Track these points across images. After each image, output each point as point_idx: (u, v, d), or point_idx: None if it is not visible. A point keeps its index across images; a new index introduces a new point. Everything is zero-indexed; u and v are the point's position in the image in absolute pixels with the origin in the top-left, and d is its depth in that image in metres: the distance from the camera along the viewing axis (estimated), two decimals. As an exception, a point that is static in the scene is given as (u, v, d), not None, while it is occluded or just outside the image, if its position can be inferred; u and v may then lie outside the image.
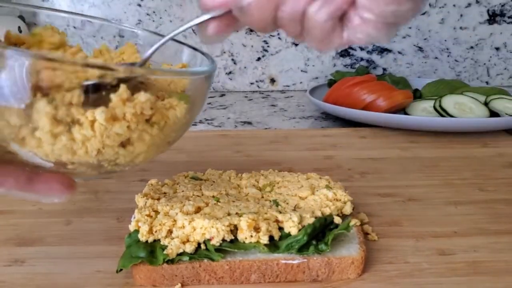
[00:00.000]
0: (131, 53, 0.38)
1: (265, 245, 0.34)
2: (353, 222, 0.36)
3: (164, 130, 0.29)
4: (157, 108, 0.28)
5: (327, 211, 0.37)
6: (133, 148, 0.29)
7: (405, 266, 0.36)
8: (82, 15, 0.42)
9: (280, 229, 0.35)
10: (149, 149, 0.30)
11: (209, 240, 0.34)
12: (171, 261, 0.34)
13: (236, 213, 0.36)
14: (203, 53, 0.36)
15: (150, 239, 0.34)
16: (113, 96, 0.26)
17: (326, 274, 0.35)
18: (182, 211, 0.36)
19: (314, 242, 0.35)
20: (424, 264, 0.36)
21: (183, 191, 0.40)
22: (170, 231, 0.35)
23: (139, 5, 0.92)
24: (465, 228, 0.41)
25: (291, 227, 0.35)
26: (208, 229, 0.34)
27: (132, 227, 0.35)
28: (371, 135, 0.67)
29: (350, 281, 0.35)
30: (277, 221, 0.35)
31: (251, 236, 0.34)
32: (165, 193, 0.40)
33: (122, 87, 0.26)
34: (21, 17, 0.88)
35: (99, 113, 0.26)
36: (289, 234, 0.35)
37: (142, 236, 0.34)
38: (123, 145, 0.28)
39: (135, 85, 0.27)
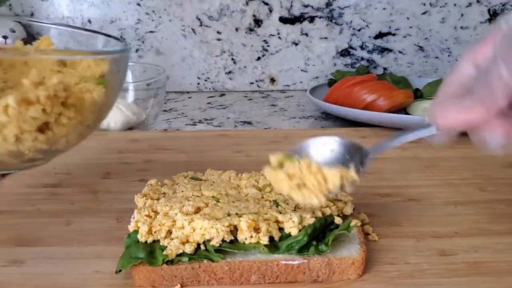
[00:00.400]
0: (46, 46, 0.39)
1: (265, 245, 0.34)
2: (354, 222, 0.36)
3: (82, 112, 0.30)
4: (71, 91, 0.29)
5: (327, 211, 0.37)
6: (52, 133, 0.29)
7: (406, 266, 0.36)
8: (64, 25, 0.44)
9: (280, 229, 0.35)
10: (69, 133, 0.31)
11: (209, 240, 0.34)
12: (170, 262, 0.33)
13: (236, 214, 0.36)
14: (116, 38, 0.39)
15: (150, 240, 0.34)
16: (24, 81, 0.27)
17: (327, 274, 0.34)
18: (182, 212, 0.35)
19: (314, 243, 0.35)
20: (424, 264, 0.36)
21: (182, 191, 0.40)
22: (169, 232, 0.34)
23: (139, 4, 0.92)
24: (466, 229, 0.41)
25: (292, 227, 0.35)
26: (208, 229, 0.33)
27: (131, 227, 0.35)
28: (372, 135, 0.67)
29: (351, 282, 0.34)
30: (277, 221, 0.35)
31: (251, 236, 0.34)
32: (164, 193, 0.40)
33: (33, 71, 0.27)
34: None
35: (11, 98, 0.27)
36: (289, 235, 0.35)
37: (142, 237, 0.34)
38: (41, 130, 0.29)
39: None
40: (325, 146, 0.34)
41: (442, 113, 0.29)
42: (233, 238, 0.34)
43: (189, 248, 0.33)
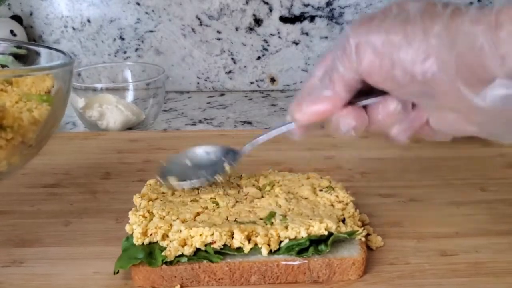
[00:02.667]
0: None
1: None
2: (360, 235, 0.36)
3: (21, 133, 0.29)
4: (7, 111, 0.28)
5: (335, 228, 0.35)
6: None
7: (407, 267, 0.36)
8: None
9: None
10: (9, 156, 0.29)
11: (210, 244, 0.33)
12: (170, 262, 0.33)
13: (235, 220, 0.35)
14: (59, 51, 0.37)
15: (146, 241, 0.34)
16: None
17: (327, 275, 0.34)
18: (179, 219, 0.35)
19: (314, 244, 0.34)
20: (425, 265, 0.36)
21: (180, 195, 0.39)
22: (166, 235, 0.34)
23: (138, 4, 0.92)
24: (467, 229, 0.41)
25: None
26: (208, 237, 0.33)
27: (128, 229, 0.35)
28: (372, 135, 0.67)
29: (351, 282, 0.34)
30: (278, 236, 0.34)
31: (248, 243, 0.34)
32: (163, 193, 0.40)
33: None
34: (17, 18, 0.88)
35: None
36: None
37: (137, 240, 0.34)
38: None
39: None
40: (204, 152, 0.43)
41: (297, 108, 0.34)
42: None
43: (188, 250, 0.33)
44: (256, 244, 0.34)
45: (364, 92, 0.32)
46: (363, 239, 0.36)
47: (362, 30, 0.29)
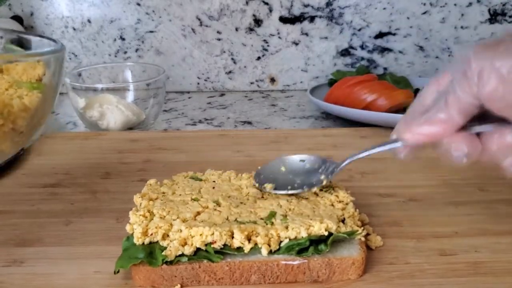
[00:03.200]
0: None
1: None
2: (359, 235, 0.36)
3: (12, 119, 0.29)
4: None
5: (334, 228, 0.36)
6: None
7: (406, 266, 0.36)
8: None
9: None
10: (0, 141, 0.29)
11: (211, 243, 0.33)
12: (170, 262, 0.33)
13: (236, 220, 0.35)
14: (50, 39, 0.37)
15: (146, 241, 0.34)
16: None
17: (327, 275, 0.34)
18: (180, 218, 0.35)
19: (313, 244, 0.34)
20: (425, 264, 0.36)
21: (180, 194, 0.40)
22: (166, 235, 0.34)
23: (138, 4, 0.92)
24: (466, 229, 0.41)
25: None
26: (208, 236, 0.33)
27: (128, 229, 0.35)
28: (372, 135, 0.67)
29: (351, 282, 0.34)
30: (279, 236, 0.35)
31: (248, 243, 0.34)
32: (163, 192, 0.40)
33: None
34: (17, 19, 0.88)
35: None
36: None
37: (137, 240, 0.34)
38: None
39: None
40: (299, 160, 0.42)
41: (406, 127, 0.33)
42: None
43: (188, 250, 0.33)
44: (256, 244, 0.34)
45: (477, 117, 0.31)
46: (363, 238, 0.36)
47: (487, 54, 0.28)
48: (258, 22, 0.94)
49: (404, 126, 0.34)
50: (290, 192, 0.39)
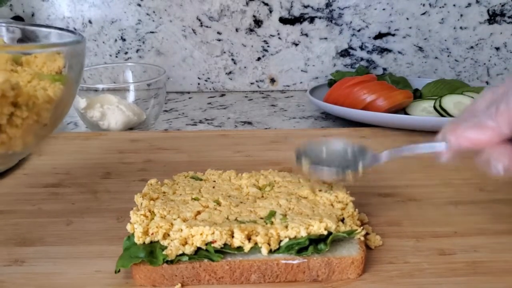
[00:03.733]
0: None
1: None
2: (359, 234, 0.36)
3: (36, 111, 0.28)
4: (21, 89, 0.27)
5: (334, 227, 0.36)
6: (6, 135, 0.28)
7: (405, 266, 0.36)
8: None
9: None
10: (25, 134, 0.29)
11: (211, 243, 0.34)
12: (171, 261, 0.33)
13: (236, 219, 0.36)
14: (69, 31, 0.36)
15: (147, 240, 0.34)
16: None
17: (326, 274, 0.34)
18: (180, 218, 0.35)
19: (313, 243, 0.35)
20: (424, 264, 0.36)
21: (181, 194, 0.40)
22: (167, 234, 0.34)
23: (139, 5, 0.92)
24: (465, 228, 0.41)
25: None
26: (208, 236, 0.33)
27: (129, 228, 0.35)
28: (371, 135, 0.67)
29: (350, 281, 0.34)
30: (278, 235, 0.35)
31: (249, 243, 0.34)
32: (164, 192, 0.40)
33: None
34: (18, 18, 0.88)
35: None
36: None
37: (138, 239, 0.34)
38: None
39: None
40: (342, 146, 0.41)
41: (454, 128, 0.33)
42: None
43: (189, 249, 0.33)
44: (256, 243, 0.34)
45: None
46: (362, 238, 0.36)
47: None
48: (258, 23, 0.95)
49: (451, 128, 0.33)
50: (324, 170, 0.38)
